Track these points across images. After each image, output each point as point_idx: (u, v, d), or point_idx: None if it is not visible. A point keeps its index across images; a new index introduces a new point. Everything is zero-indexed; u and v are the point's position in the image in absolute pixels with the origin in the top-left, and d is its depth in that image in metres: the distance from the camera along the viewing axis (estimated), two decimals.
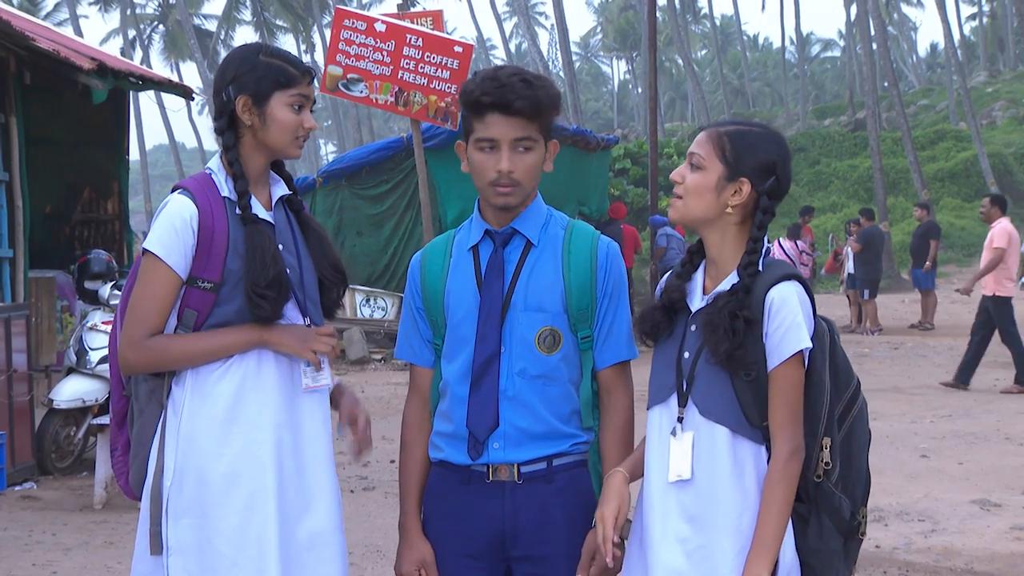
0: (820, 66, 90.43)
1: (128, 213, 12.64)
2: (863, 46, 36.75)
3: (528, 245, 3.03)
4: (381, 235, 18.19)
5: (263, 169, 3.11)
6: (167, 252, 2.97)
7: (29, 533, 7.05)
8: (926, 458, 8.99)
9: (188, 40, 52.03)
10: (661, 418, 2.85)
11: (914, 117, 48.50)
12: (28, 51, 8.98)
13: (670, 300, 2.86)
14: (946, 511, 7.32)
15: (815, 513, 2.76)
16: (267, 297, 2.96)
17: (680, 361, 2.82)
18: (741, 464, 2.75)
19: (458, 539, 3.03)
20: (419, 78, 11.17)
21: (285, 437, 3.04)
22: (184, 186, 3.06)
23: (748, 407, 2.74)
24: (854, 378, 2.85)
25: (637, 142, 33.01)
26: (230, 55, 3.15)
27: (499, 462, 2.98)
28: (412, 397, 3.19)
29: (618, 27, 78.31)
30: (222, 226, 3.00)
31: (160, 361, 3.02)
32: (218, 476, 2.98)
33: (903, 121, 35.06)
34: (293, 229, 3.15)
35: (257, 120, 3.04)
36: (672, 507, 2.79)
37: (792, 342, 2.71)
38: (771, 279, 2.75)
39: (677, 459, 2.78)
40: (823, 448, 2.75)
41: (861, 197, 38.39)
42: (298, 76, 3.05)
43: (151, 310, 2.99)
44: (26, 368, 8.54)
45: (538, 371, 2.98)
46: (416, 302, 3.12)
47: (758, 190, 2.79)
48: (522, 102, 2.91)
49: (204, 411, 3.00)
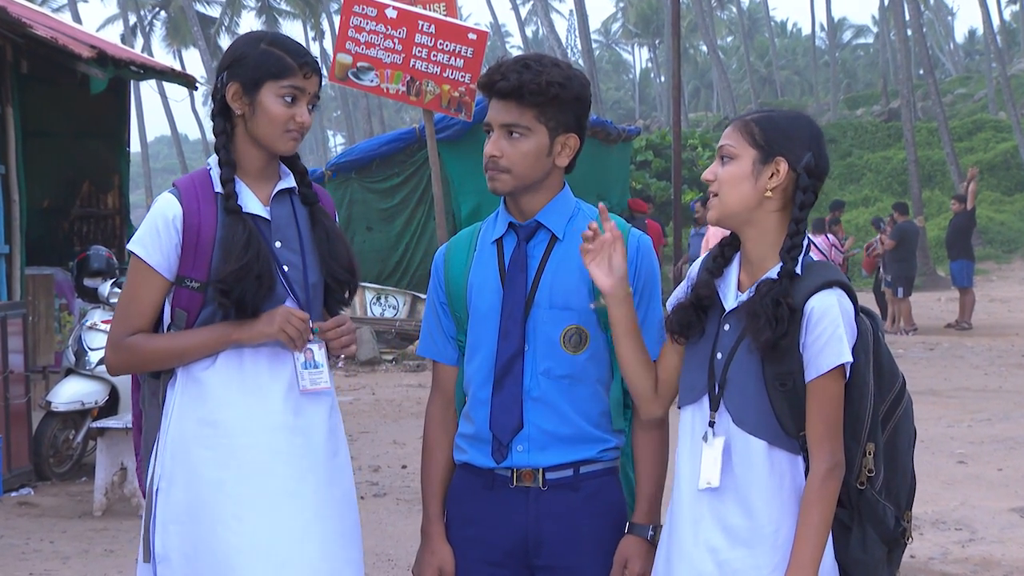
0: (852, 53, 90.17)
1: (129, 207, 12.67)
2: (897, 32, 36.60)
3: (553, 239, 3.02)
4: (392, 230, 18.22)
5: (262, 162, 3.11)
6: (148, 252, 3.02)
7: (26, 541, 7.08)
8: (963, 464, 8.96)
9: (191, 27, 52.17)
10: (694, 420, 2.84)
11: (951, 107, 48.33)
12: (25, 39, 9.01)
13: (699, 298, 2.84)
14: (984, 519, 7.29)
15: (858, 523, 2.75)
16: (227, 293, 2.96)
17: (712, 362, 2.81)
18: (778, 475, 2.75)
19: (480, 545, 3.03)
20: (432, 66, 11.17)
21: (281, 442, 3.02)
22: (175, 184, 3.10)
23: (784, 417, 2.73)
24: (899, 376, 2.82)
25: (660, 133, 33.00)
26: (235, 40, 3.17)
27: (523, 466, 2.98)
28: (435, 396, 3.18)
29: (640, 12, 78.19)
30: (210, 224, 3.02)
31: (135, 361, 3.08)
32: (207, 482, 2.99)
33: (939, 111, 34.95)
34: (299, 225, 3.14)
35: (247, 109, 3.05)
36: (705, 514, 2.78)
37: (832, 355, 2.69)
38: (811, 286, 2.72)
39: (708, 466, 2.78)
40: (866, 454, 2.74)
41: (895, 191, 38.27)
42: (294, 67, 3.03)
43: (131, 311, 3.05)
44: (23, 369, 8.57)
45: (564, 371, 2.98)
46: (440, 297, 3.12)
47: (795, 168, 2.77)
48: (504, 83, 2.90)
49: (190, 413, 3.02)
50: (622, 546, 3.00)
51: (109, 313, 8.79)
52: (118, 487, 7.70)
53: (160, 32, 64.75)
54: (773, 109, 2.91)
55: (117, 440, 7.66)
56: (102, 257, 9.10)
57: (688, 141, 30.75)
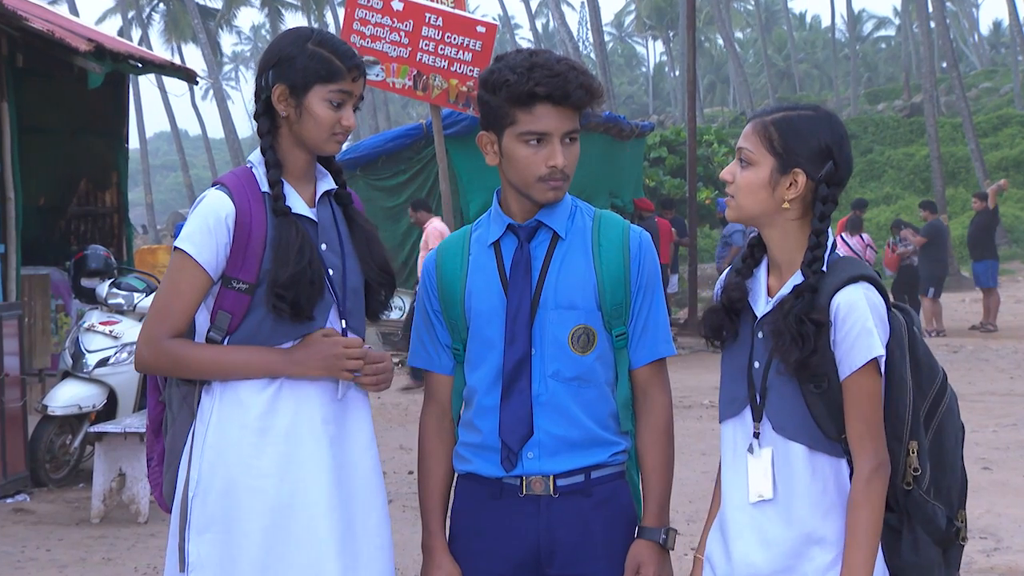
0: (873, 46, 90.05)
1: (127, 206, 12.71)
2: (920, 23, 36.57)
3: (555, 238, 3.03)
4: (398, 229, 18.21)
5: (306, 163, 3.13)
6: (198, 250, 3.00)
7: (22, 549, 7.09)
8: (988, 470, 8.94)
9: (191, 20, 52.24)
10: (736, 433, 2.84)
11: (976, 101, 48.27)
12: (21, 32, 9.04)
13: (730, 300, 2.84)
14: (1010, 527, 7.28)
15: (907, 525, 2.73)
16: (283, 297, 2.98)
17: (751, 371, 2.80)
18: (821, 480, 2.74)
19: (488, 558, 3.03)
20: (439, 60, 11.18)
21: (324, 451, 3.03)
22: (222, 182, 3.09)
23: (823, 420, 2.73)
24: (939, 371, 2.80)
25: (674, 129, 32.99)
26: (279, 37, 3.17)
27: (533, 473, 2.98)
28: (429, 407, 3.17)
29: (654, 4, 78.10)
30: (260, 224, 3.02)
31: (174, 367, 3.06)
32: (245, 490, 3.00)
33: (963, 105, 34.87)
34: (339, 227, 3.16)
35: (293, 112, 3.06)
36: (745, 529, 2.79)
37: (863, 350, 2.68)
38: (837, 282, 2.72)
39: (757, 478, 2.78)
40: (910, 453, 2.72)
41: (917, 188, 38.21)
42: (343, 71, 3.05)
43: (174, 308, 3.03)
44: (19, 372, 8.59)
45: (573, 373, 2.99)
46: (432, 304, 3.11)
47: (814, 179, 2.76)
48: (580, 92, 2.94)
49: (234, 420, 3.02)
50: (634, 550, 3.01)
51: (107, 314, 8.81)
52: (116, 493, 7.70)
53: (159, 25, 64.85)
54: (793, 107, 2.85)
55: (115, 445, 7.67)
56: (100, 257, 9.12)
57: (703, 137, 30.67)
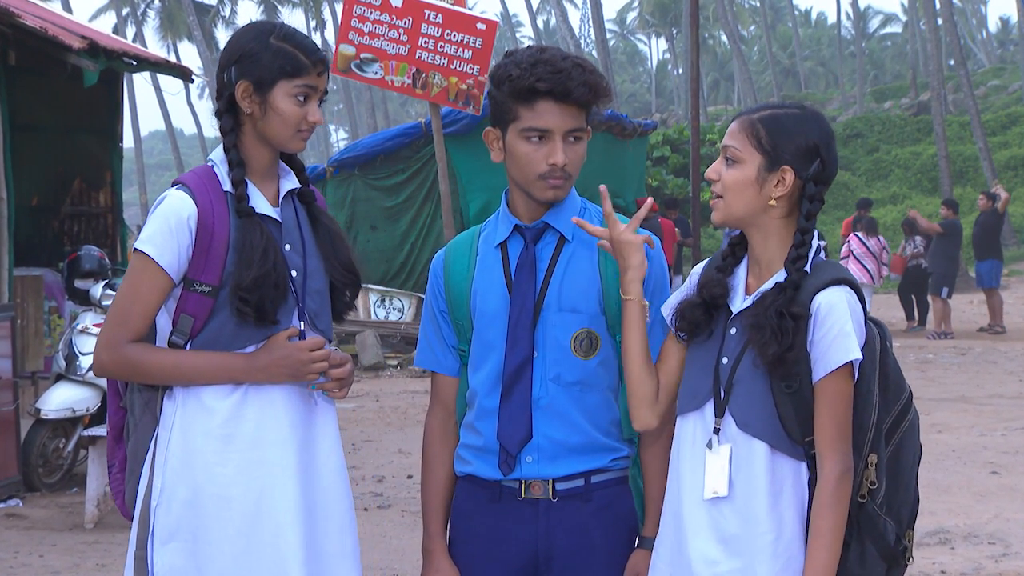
0: (879, 43, 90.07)
1: (122, 205, 12.72)
2: (927, 21, 36.61)
3: (562, 240, 3.03)
4: (397, 230, 18.23)
5: (269, 161, 3.11)
6: (160, 252, 2.98)
7: (14, 555, 7.09)
8: (997, 475, 8.93)
9: (187, 17, 52.22)
10: (695, 428, 2.84)
11: (984, 99, 48.23)
12: (13, 29, 9.04)
13: (711, 296, 2.85)
14: (1019, 533, 7.27)
15: (857, 537, 2.75)
16: (247, 300, 2.96)
17: (718, 367, 2.82)
18: (779, 482, 2.75)
19: (487, 562, 3.04)
20: (439, 58, 11.18)
21: (291, 457, 3.02)
22: (183, 181, 3.06)
23: (788, 421, 2.74)
24: (905, 389, 2.83)
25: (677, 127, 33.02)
26: (240, 32, 3.14)
27: (532, 477, 2.99)
28: (435, 408, 3.18)
29: (657, 1, 78.18)
30: (223, 225, 3.00)
31: (135, 373, 3.04)
32: (211, 498, 2.98)
33: (972, 104, 34.87)
34: (302, 226, 3.14)
35: (258, 109, 3.03)
36: (703, 524, 2.79)
37: (840, 352, 2.70)
38: (819, 283, 2.74)
39: (713, 475, 2.78)
40: (868, 466, 2.74)
41: (924, 187, 38.21)
42: (308, 66, 3.03)
43: (135, 312, 3.00)
44: (11, 375, 8.59)
45: (574, 377, 2.99)
46: (439, 305, 3.12)
47: (802, 177, 2.79)
48: (583, 89, 2.94)
49: (198, 427, 3.00)
50: (633, 560, 3.01)
51: (101, 316, 8.79)
52: (110, 498, 7.71)
53: (154, 23, 64.85)
54: (779, 105, 2.89)
55: None
56: (94, 257, 9.12)
57: (707, 136, 30.73)
